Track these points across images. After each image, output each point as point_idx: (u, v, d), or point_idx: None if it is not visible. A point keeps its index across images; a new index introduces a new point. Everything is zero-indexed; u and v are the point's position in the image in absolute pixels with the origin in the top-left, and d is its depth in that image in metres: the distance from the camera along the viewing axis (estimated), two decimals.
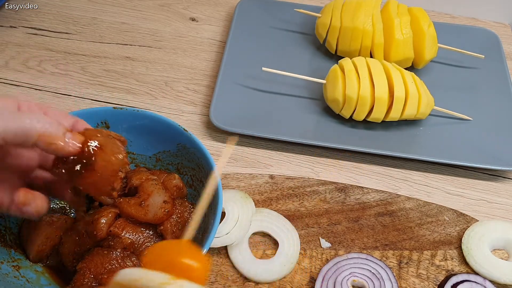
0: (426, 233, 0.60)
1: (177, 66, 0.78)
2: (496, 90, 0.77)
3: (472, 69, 0.80)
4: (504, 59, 0.81)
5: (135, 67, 0.77)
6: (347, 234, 0.60)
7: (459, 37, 0.83)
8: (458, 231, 0.61)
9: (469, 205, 0.66)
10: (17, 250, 0.52)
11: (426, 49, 0.74)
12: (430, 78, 0.78)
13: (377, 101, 0.67)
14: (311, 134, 0.70)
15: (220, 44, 0.82)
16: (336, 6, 0.76)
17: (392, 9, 0.75)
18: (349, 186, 0.64)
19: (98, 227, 0.52)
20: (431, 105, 0.70)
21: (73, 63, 0.77)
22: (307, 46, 0.82)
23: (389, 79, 0.67)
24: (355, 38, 0.75)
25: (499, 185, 0.68)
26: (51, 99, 0.72)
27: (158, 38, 0.82)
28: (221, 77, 0.73)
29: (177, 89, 0.75)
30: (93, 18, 0.84)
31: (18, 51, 0.78)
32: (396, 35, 0.73)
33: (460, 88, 0.78)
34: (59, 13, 0.84)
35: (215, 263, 0.55)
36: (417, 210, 0.62)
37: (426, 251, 0.59)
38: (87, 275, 0.50)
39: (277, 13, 0.85)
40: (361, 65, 0.68)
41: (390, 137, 0.70)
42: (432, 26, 0.75)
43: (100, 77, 0.75)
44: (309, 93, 0.75)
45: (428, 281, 0.56)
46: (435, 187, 0.67)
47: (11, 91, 0.72)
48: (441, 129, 0.72)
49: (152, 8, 0.87)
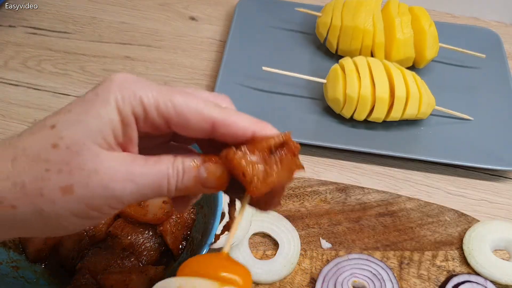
0: (427, 233, 0.60)
1: (177, 66, 0.78)
2: (497, 90, 0.77)
3: (473, 68, 0.80)
4: (506, 59, 0.80)
5: (134, 67, 0.77)
6: (347, 234, 0.59)
7: (460, 37, 0.82)
8: (459, 231, 0.60)
9: (470, 205, 0.65)
10: (16, 251, 0.51)
11: (427, 49, 0.74)
12: (431, 77, 0.77)
13: (378, 100, 0.67)
14: (311, 134, 0.69)
15: (220, 44, 0.82)
16: (336, 5, 0.76)
17: (393, 9, 0.74)
18: (350, 186, 0.64)
19: (97, 228, 0.52)
20: (432, 105, 0.70)
21: (72, 62, 0.77)
22: (307, 46, 0.81)
23: (390, 79, 0.67)
24: (356, 38, 0.74)
25: (500, 185, 0.68)
26: (50, 99, 0.72)
27: (157, 38, 0.82)
28: (221, 76, 0.73)
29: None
30: (92, 17, 0.84)
31: (17, 50, 0.77)
32: (397, 35, 0.73)
33: (461, 88, 0.77)
34: (58, 13, 0.84)
35: None
36: (418, 210, 0.62)
37: (427, 252, 0.58)
38: (86, 275, 0.49)
39: (277, 12, 0.85)
40: (361, 64, 0.68)
41: (391, 137, 0.70)
42: (433, 25, 0.74)
43: (100, 77, 0.75)
44: (310, 92, 0.74)
45: (429, 281, 0.56)
46: (436, 187, 0.67)
47: (10, 91, 0.72)
48: (442, 129, 0.72)
49: (151, 7, 0.87)
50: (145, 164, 0.32)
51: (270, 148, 0.35)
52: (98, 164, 0.31)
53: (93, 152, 0.31)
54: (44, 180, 0.31)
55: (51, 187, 0.31)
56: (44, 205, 0.31)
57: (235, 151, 0.34)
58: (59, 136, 0.31)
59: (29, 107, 0.71)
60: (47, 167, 0.31)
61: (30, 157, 0.31)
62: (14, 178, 0.31)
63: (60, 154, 0.31)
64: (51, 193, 0.31)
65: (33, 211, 0.31)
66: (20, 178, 0.31)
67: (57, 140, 0.31)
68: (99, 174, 0.31)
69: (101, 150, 0.31)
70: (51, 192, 0.31)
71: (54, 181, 0.31)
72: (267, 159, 0.35)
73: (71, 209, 0.32)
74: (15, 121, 0.69)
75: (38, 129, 0.32)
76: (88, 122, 0.31)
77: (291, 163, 0.35)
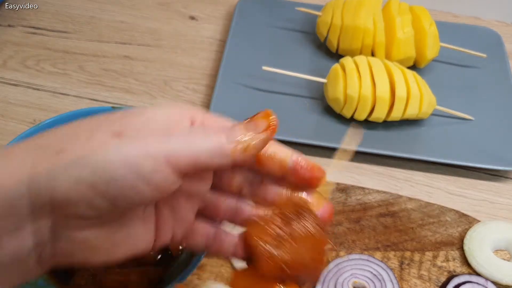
0: (428, 234, 0.60)
1: (176, 65, 0.78)
2: (498, 90, 0.77)
3: (474, 68, 0.80)
4: (507, 58, 0.80)
5: (134, 66, 0.77)
6: (348, 235, 0.59)
7: (461, 36, 0.82)
8: (460, 231, 0.60)
9: (471, 205, 0.65)
10: None
11: (428, 48, 0.74)
12: (432, 77, 0.77)
13: (379, 100, 0.66)
14: (311, 134, 0.69)
15: (220, 43, 0.82)
16: (337, 5, 0.76)
17: (394, 8, 0.74)
18: (350, 187, 0.63)
19: None
20: (433, 105, 0.70)
21: (71, 62, 0.76)
22: (307, 45, 0.81)
23: (391, 78, 0.67)
24: (356, 37, 0.74)
25: (501, 185, 0.68)
26: (49, 99, 0.72)
27: (157, 37, 0.81)
28: (221, 76, 0.73)
29: (176, 88, 0.75)
30: (91, 17, 0.84)
31: (16, 50, 0.77)
32: (398, 34, 0.73)
33: (462, 88, 0.77)
34: (57, 12, 0.84)
35: (215, 264, 0.55)
36: (418, 210, 0.62)
37: (427, 252, 0.58)
38: (86, 276, 0.49)
39: (277, 12, 0.85)
40: (362, 64, 0.67)
41: (391, 137, 0.70)
42: (434, 25, 0.74)
43: (99, 77, 0.75)
44: (310, 92, 0.74)
45: (430, 282, 0.56)
46: (437, 187, 0.67)
47: (9, 91, 0.72)
48: (443, 129, 0.71)
49: (151, 7, 0.87)
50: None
51: (293, 214, 0.32)
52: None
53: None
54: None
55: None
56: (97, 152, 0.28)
57: (249, 225, 0.32)
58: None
59: (28, 106, 0.70)
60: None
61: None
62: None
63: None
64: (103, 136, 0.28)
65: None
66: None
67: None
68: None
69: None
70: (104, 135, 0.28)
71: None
72: (285, 230, 0.31)
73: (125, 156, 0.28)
74: (14, 121, 0.69)
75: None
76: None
77: (315, 240, 0.31)
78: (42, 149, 0.29)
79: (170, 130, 0.30)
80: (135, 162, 0.28)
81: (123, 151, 0.28)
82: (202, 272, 0.54)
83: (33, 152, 0.29)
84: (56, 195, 0.28)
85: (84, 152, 0.28)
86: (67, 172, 0.27)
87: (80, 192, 0.28)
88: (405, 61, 0.75)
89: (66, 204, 0.28)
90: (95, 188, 0.28)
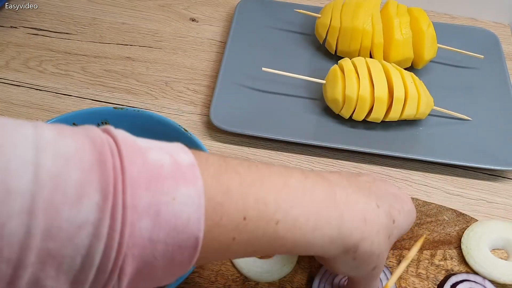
0: (426, 232, 0.60)
1: (177, 66, 0.78)
2: (495, 90, 0.77)
3: (472, 69, 0.80)
4: (504, 59, 0.81)
5: (135, 67, 0.77)
6: None
7: (459, 37, 0.83)
8: (458, 230, 0.61)
9: (468, 205, 0.66)
10: None
11: (425, 49, 0.74)
12: (430, 78, 0.78)
13: (377, 101, 0.67)
14: (311, 134, 0.70)
15: (220, 45, 0.83)
16: (335, 7, 0.76)
17: (392, 10, 0.75)
18: None
19: None
20: (431, 105, 0.70)
21: (73, 63, 0.77)
22: (307, 47, 0.82)
23: (389, 79, 0.68)
24: (355, 39, 0.75)
25: (498, 185, 0.68)
26: (51, 100, 0.72)
27: (158, 39, 0.82)
28: (221, 77, 0.74)
29: (177, 89, 0.75)
30: (93, 18, 0.84)
31: (19, 51, 0.78)
32: (396, 35, 0.73)
33: (459, 88, 0.78)
34: (59, 14, 0.84)
35: (216, 263, 0.56)
36: (417, 210, 0.62)
37: (425, 251, 0.59)
38: None
39: (277, 14, 0.85)
40: (360, 65, 0.68)
41: (389, 137, 0.70)
42: (431, 26, 0.75)
43: (101, 77, 0.76)
44: (309, 93, 0.75)
45: (428, 280, 0.57)
46: (434, 187, 0.67)
47: (11, 91, 0.73)
48: (441, 129, 0.72)
49: (152, 8, 0.87)
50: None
51: None
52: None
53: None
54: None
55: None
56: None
57: None
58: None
59: (31, 107, 0.71)
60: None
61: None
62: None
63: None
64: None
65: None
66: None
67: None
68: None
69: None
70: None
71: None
72: None
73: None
74: None
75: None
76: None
77: None
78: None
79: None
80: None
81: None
82: (203, 270, 0.55)
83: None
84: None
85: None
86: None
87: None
88: (403, 62, 0.76)
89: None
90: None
